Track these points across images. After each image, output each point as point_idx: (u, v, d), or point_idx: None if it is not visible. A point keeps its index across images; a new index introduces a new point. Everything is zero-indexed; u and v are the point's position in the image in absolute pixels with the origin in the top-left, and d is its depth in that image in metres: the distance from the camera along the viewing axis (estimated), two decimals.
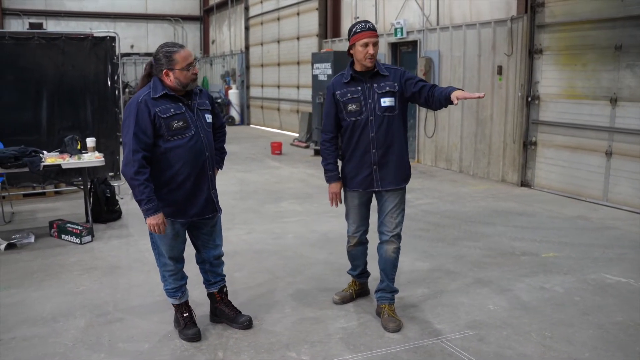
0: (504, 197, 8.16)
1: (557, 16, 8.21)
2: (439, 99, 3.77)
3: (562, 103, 8.21)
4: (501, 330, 3.92)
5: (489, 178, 9.53)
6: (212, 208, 3.78)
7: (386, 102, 3.88)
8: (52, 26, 21.97)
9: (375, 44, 3.84)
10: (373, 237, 4.19)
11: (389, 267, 4.06)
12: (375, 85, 3.90)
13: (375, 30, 3.87)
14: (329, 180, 4.12)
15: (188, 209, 3.67)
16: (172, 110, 3.54)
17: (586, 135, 7.85)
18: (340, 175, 4.09)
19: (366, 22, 3.91)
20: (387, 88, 3.89)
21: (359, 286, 4.46)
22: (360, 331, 3.94)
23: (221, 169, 4.04)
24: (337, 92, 3.97)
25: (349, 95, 3.93)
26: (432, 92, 3.84)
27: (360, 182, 4.00)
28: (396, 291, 4.15)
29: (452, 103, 3.70)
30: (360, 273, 4.41)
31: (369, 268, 4.46)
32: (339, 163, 4.11)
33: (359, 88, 3.92)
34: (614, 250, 5.66)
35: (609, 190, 7.55)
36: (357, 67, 3.94)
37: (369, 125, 3.89)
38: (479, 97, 3.63)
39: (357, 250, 4.28)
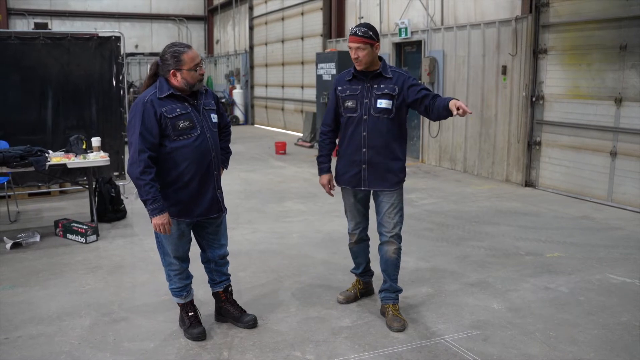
0: (508, 197, 8.15)
1: (561, 16, 8.20)
2: (437, 109, 3.79)
3: (567, 103, 8.20)
4: (506, 330, 3.92)
5: (493, 178, 9.52)
6: (218, 208, 3.79)
7: (382, 103, 3.89)
8: (57, 26, 22.05)
9: (360, 49, 3.84)
10: (376, 236, 4.19)
11: (391, 268, 4.07)
12: (375, 86, 3.93)
13: (363, 36, 3.83)
14: (319, 172, 4.22)
15: (193, 209, 3.68)
16: (178, 110, 3.55)
17: (591, 135, 7.84)
18: (330, 168, 4.18)
19: (359, 26, 3.91)
20: (386, 90, 3.90)
21: (362, 285, 4.47)
22: (365, 330, 3.94)
23: (226, 169, 4.05)
24: (339, 88, 4.05)
25: (348, 92, 3.99)
26: (432, 101, 3.85)
27: (349, 180, 4.04)
28: (400, 291, 4.15)
29: (452, 114, 3.67)
30: (363, 271, 4.42)
31: (372, 268, 4.46)
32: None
33: (359, 87, 3.97)
34: (619, 251, 5.65)
35: (614, 190, 7.53)
36: None
37: (362, 124, 3.93)
38: (469, 113, 3.65)
39: (358, 248, 4.31)
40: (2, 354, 3.64)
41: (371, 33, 3.87)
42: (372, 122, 3.91)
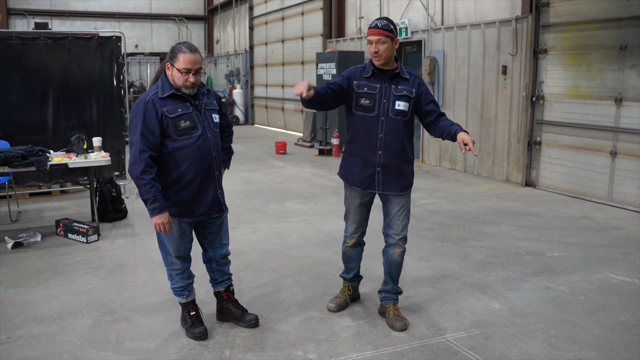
0: (509, 197, 8.16)
1: (561, 16, 8.21)
2: (441, 132, 3.81)
3: (567, 103, 8.21)
4: (506, 330, 3.93)
5: (494, 178, 9.53)
6: (219, 208, 3.80)
7: (400, 105, 3.82)
8: (57, 26, 22.06)
9: (381, 42, 3.74)
10: (369, 239, 4.19)
11: (395, 269, 4.05)
12: (393, 86, 3.85)
13: (384, 29, 3.73)
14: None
15: (195, 209, 3.69)
16: (179, 110, 3.55)
17: (591, 135, 7.85)
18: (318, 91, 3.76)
19: (379, 19, 3.82)
20: (405, 92, 3.84)
21: (352, 291, 4.37)
22: (366, 330, 3.95)
23: (228, 169, 4.05)
24: (355, 82, 3.88)
25: (365, 89, 3.86)
26: (437, 120, 3.87)
27: (361, 182, 3.95)
28: (401, 292, 4.15)
29: (455, 141, 3.70)
30: (354, 276, 4.33)
31: (374, 269, 4.47)
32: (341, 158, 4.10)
33: (378, 85, 3.85)
34: (619, 250, 5.66)
35: (614, 190, 7.55)
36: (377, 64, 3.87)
37: (379, 126, 3.83)
38: (475, 155, 3.67)
39: (354, 252, 4.21)
40: (3, 354, 3.65)
41: (392, 27, 3.79)
42: (390, 124, 3.83)
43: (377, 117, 3.84)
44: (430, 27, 10.86)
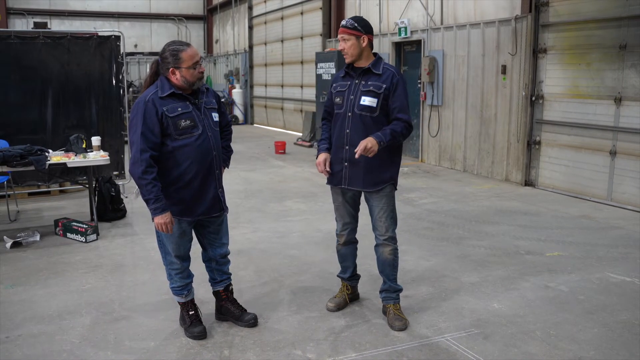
0: (508, 197, 8.16)
1: (561, 15, 8.21)
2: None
3: (566, 102, 8.21)
4: (506, 329, 3.93)
5: (493, 177, 9.53)
6: (219, 207, 3.80)
7: (365, 101, 3.83)
8: (56, 25, 22.05)
9: (344, 40, 3.83)
10: (362, 237, 4.17)
11: (388, 269, 4.04)
12: (362, 82, 3.88)
13: (348, 27, 3.81)
14: (317, 152, 4.09)
15: (195, 208, 3.68)
16: (179, 109, 3.55)
17: (590, 135, 7.85)
18: (328, 149, 4.04)
19: (349, 18, 3.89)
20: (372, 87, 3.83)
21: (350, 290, 4.35)
22: (366, 329, 3.95)
23: (227, 168, 4.05)
24: (333, 85, 4.05)
25: (338, 88, 3.98)
26: (391, 121, 3.86)
27: (332, 178, 4.00)
28: (400, 290, 4.13)
29: None
30: (351, 275, 4.31)
31: (373, 268, 4.46)
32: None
33: (348, 83, 3.94)
34: (618, 250, 5.66)
35: (613, 189, 7.55)
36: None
37: (346, 121, 3.89)
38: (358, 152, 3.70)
39: (346, 250, 4.20)
40: (3, 353, 3.65)
41: (357, 24, 3.82)
42: (355, 120, 3.85)
43: (345, 113, 3.90)
44: (430, 27, 10.86)
